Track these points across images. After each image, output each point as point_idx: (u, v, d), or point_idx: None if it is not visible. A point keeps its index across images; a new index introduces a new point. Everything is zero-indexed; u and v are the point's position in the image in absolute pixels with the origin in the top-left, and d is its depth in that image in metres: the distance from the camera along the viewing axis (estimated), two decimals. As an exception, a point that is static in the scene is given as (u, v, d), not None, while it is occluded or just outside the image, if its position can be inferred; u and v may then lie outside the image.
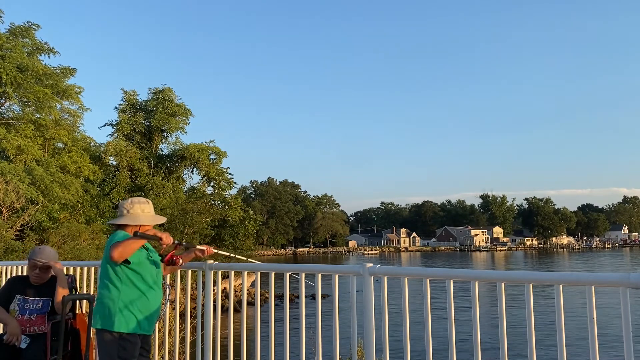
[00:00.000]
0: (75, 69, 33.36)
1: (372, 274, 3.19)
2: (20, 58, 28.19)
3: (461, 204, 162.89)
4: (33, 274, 4.03)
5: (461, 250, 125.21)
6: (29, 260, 4.06)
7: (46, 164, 28.31)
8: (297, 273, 3.59)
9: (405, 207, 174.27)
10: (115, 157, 39.64)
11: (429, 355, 2.95)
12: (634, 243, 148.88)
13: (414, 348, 3.06)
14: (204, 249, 3.84)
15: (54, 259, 4.11)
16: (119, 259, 3.34)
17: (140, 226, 3.61)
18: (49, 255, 4.08)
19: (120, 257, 3.33)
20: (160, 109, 43.76)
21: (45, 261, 4.01)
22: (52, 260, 4.07)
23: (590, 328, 2.36)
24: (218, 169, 45.94)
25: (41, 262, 4.00)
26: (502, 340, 2.65)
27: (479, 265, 76.05)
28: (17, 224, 22.10)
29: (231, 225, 42.19)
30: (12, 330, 3.81)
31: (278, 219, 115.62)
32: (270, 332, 3.63)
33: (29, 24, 30.39)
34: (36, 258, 4.01)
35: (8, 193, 21.43)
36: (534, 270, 15.58)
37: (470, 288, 2.77)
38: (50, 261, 4.05)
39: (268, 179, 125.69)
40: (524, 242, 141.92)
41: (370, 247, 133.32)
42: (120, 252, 3.31)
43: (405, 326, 3.07)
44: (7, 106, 30.46)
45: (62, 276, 4.02)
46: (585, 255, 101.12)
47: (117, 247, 3.32)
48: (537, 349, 2.56)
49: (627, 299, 2.26)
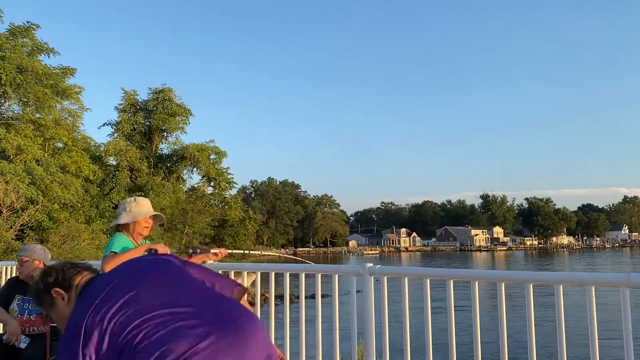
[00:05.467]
0: (75, 69, 33.44)
1: (372, 274, 3.19)
2: (20, 58, 28.21)
3: (461, 204, 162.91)
4: (18, 270, 4.10)
5: (461, 250, 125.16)
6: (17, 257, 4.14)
7: (46, 164, 28.32)
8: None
9: (405, 207, 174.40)
10: (115, 157, 39.63)
11: (429, 355, 2.95)
12: (634, 243, 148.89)
13: (414, 348, 3.06)
14: (218, 251, 3.79)
15: (43, 257, 4.12)
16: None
17: (137, 222, 3.59)
18: (38, 254, 4.10)
19: None
20: (160, 108, 43.75)
21: (27, 259, 4.03)
22: (38, 260, 4.08)
23: (590, 328, 2.36)
24: (218, 169, 45.95)
25: (24, 259, 4.03)
26: (502, 340, 2.65)
27: (479, 265, 76.07)
28: (17, 224, 22.11)
29: (231, 225, 42.24)
30: (12, 330, 3.81)
31: (278, 219, 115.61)
32: (271, 332, 3.63)
33: (28, 24, 30.42)
34: (21, 254, 4.06)
35: (8, 193, 21.43)
36: (534, 270, 15.58)
37: (471, 288, 2.77)
38: (35, 261, 4.05)
39: (268, 179, 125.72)
40: (524, 242, 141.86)
41: (370, 247, 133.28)
42: (113, 265, 3.25)
43: (405, 326, 3.07)
44: (7, 106, 30.47)
45: None
46: (585, 255, 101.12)
47: (111, 261, 3.24)
48: (537, 349, 2.57)
49: (627, 299, 2.26)
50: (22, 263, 4.05)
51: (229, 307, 1.76)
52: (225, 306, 1.76)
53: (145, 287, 1.75)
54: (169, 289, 1.77)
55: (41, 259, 4.12)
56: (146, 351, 1.55)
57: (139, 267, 1.89)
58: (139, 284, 1.76)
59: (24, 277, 4.08)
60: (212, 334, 1.61)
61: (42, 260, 4.13)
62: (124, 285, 1.76)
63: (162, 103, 43.95)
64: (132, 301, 1.69)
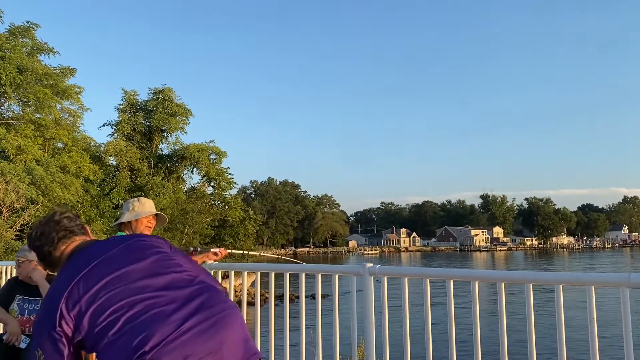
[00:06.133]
0: (75, 69, 33.45)
1: (372, 274, 3.19)
2: (20, 58, 28.21)
3: (461, 204, 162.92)
4: (17, 271, 4.10)
5: (461, 251, 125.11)
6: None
7: (46, 164, 28.31)
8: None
9: (405, 207, 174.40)
10: (115, 157, 39.61)
11: (429, 354, 2.95)
12: (634, 243, 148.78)
13: (415, 348, 3.06)
14: (218, 251, 3.80)
15: None
16: None
17: (139, 221, 3.60)
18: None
19: None
20: (160, 108, 43.73)
21: (25, 259, 4.04)
22: (35, 261, 4.08)
23: (590, 328, 2.36)
24: (218, 169, 45.93)
25: (21, 259, 4.03)
26: (502, 340, 2.66)
27: (479, 265, 76.05)
28: (17, 224, 22.10)
29: (231, 225, 42.22)
30: (12, 330, 3.81)
31: (278, 219, 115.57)
32: (270, 332, 3.63)
33: (28, 24, 30.42)
34: (19, 255, 4.07)
35: (8, 193, 21.43)
36: (534, 270, 15.58)
37: (471, 288, 2.77)
38: (33, 262, 4.06)
39: (268, 179, 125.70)
40: (524, 242, 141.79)
41: (370, 247, 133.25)
42: None
43: (405, 326, 3.07)
44: (7, 106, 30.47)
45: (44, 284, 3.97)
46: (585, 255, 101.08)
47: None
48: (537, 349, 2.57)
49: (627, 299, 2.26)
50: (19, 264, 4.05)
51: (210, 294, 1.78)
52: (206, 293, 1.78)
53: (133, 268, 1.77)
54: (155, 272, 1.79)
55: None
56: (128, 335, 1.58)
57: (132, 246, 1.90)
58: (127, 263, 1.78)
59: (22, 277, 4.08)
60: (192, 318, 1.64)
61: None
62: (114, 261, 1.78)
63: (162, 103, 43.93)
64: (119, 280, 1.71)
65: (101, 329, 1.61)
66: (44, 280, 3.97)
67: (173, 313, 1.64)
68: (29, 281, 4.08)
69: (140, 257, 1.83)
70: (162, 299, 1.68)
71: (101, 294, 1.67)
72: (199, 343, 1.59)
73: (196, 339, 1.60)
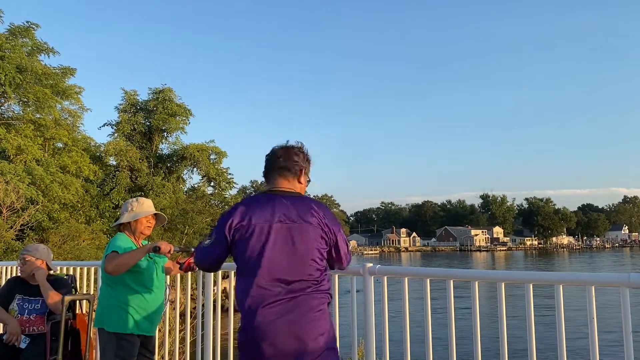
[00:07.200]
0: (75, 69, 33.36)
1: (372, 274, 3.18)
2: (19, 58, 28.21)
3: (461, 204, 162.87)
4: (21, 269, 4.11)
5: (461, 250, 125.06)
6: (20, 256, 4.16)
7: (46, 164, 28.30)
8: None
9: (405, 207, 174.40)
10: (115, 157, 39.57)
11: (429, 354, 2.95)
12: (634, 243, 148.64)
13: (415, 348, 3.06)
14: None
15: (46, 257, 4.13)
16: (113, 273, 3.27)
17: (139, 221, 3.61)
18: (41, 253, 4.11)
19: (115, 272, 3.26)
20: (160, 109, 43.70)
21: (30, 257, 4.04)
22: (40, 260, 4.08)
23: (590, 328, 2.36)
24: (218, 169, 45.89)
25: (27, 257, 4.03)
26: (502, 340, 2.65)
27: (479, 265, 76.04)
28: (17, 224, 22.11)
29: (231, 225, 42.10)
30: (12, 329, 3.81)
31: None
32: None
33: (28, 24, 30.40)
34: (24, 253, 4.08)
35: (8, 193, 21.43)
36: (534, 270, 15.57)
37: (471, 288, 2.77)
38: (38, 260, 4.06)
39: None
40: (524, 242, 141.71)
41: (370, 247, 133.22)
42: (115, 266, 3.24)
43: (405, 326, 3.07)
44: (6, 106, 30.47)
45: (45, 284, 3.96)
46: (585, 255, 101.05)
47: (113, 261, 3.25)
48: (537, 349, 2.57)
49: (627, 299, 2.26)
50: (24, 262, 4.05)
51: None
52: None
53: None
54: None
55: (44, 258, 4.13)
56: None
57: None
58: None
59: (25, 275, 4.08)
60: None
61: (45, 259, 4.13)
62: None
63: (163, 103, 43.88)
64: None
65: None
66: (46, 281, 3.98)
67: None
68: (30, 280, 4.08)
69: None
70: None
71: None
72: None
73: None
